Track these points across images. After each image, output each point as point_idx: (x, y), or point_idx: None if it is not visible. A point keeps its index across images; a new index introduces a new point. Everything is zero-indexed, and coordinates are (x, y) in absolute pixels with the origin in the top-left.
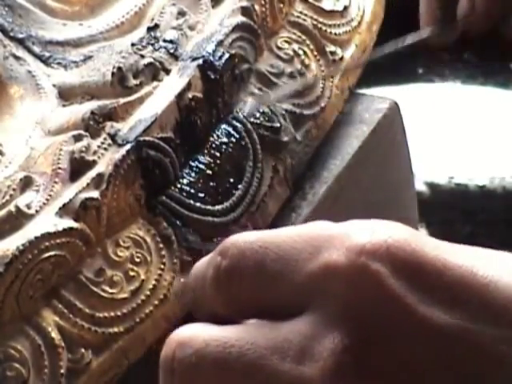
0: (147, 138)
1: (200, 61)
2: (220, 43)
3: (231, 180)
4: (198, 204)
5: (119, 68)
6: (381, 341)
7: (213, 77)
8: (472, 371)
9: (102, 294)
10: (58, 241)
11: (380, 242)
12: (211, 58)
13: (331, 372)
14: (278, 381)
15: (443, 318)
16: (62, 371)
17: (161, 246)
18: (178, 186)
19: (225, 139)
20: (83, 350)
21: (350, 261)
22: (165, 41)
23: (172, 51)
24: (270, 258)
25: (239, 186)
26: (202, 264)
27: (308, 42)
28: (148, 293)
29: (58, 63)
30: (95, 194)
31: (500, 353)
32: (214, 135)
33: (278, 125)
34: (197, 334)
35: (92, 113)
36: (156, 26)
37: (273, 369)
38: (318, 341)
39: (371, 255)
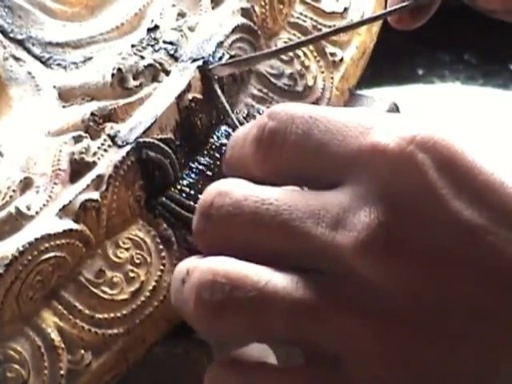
0: (147, 139)
1: (200, 62)
2: (220, 44)
3: None
4: (197, 205)
5: (119, 69)
6: (414, 224)
7: (213, 78)
8: (490, 268)
9: (102, 295)
10: (57, 242)
11: (429, 136)
12: (211, 59)
13: (362, 243)
14: (310, 242)
15: (472, 216)
16: (62, 372)
17: (161, 247)
18: (178, 187)
19: (225, 140)
20: (83, 351)
21: (399, 146)
22: (165, 42)
23: (172, 52)
24: (319, 128)
25: None
26: (245, 127)
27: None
28: (148, 294)
29: (58, 64)
30: (95, 195)
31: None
32: (214, 136)
33: None
34: (237, 187)
35: (92, 114)
36: (156, 27)
37: (306, 231)
38: (354, 212)
39: (420, 146)
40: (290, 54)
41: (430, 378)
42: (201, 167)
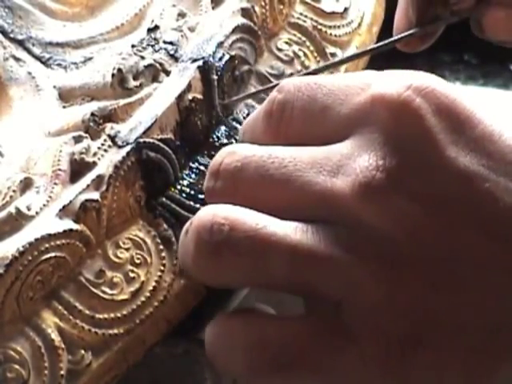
0: (147, 140)
1: (200, 62)
2: (220, 44)
3: None
4: (198, 205)
5: (119, 69)
6: (412, 168)
7: (213, 78)
8: (485, 215)
9: (102, 295)
10: (58, 242)
11: (427, 83)
12: (211, 59)
13: (360, 185)
14: (311, 190)
15: (470, 163)
16: (62, 372)
17: (161, 247)
18: (178, 187)
19: (225, 140)
20: (83, 352)
21: (396, 93)
22: (165, 42)
23: (172, 52)
24: (323, 92)
25: None
26: (261, 106)
27: (308, 43)
28: (148, 294)
29: (58, 64)
30: (95, 195)
31: (510, 203)
32: (214, 136)
33: None
34: (247, 146)
35: (92, 114)
36: (156, 28)
37: (308, 179)
38: (354, 159)
39: (417, 91)
40: (290, 54)
41: (431, 326)
42: (201, 167)
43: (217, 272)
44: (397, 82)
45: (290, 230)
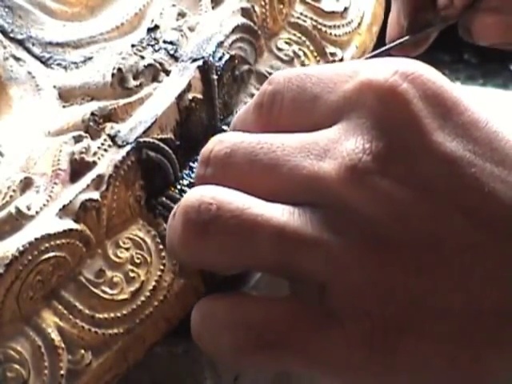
0: (147, 139)
1: (200, 62)
2: (220, 44)
3: None
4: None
5: (119, 69)
6: (398, 151)
7: (213, 78)
8: (471, 200)
9: (102, 295)
10: (58, 242)
11: (414, 69)
12: (211, 59)
13: (346, 168)
14: (298, 173)
15: (456, 148)
16: (62, 372)
17: (161, 247)
18: (178, 187)
19: None
20: (83, 351)
21: (384, 78)
22: (165, 42)
23: (172, 52)
24: (312, 81)
25: None
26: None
27: (308, 43)
28: (148, 294)
29: (58, 64)
30: (95, 195)
31: (497, 190)
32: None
33: None
34: (237, 134)
35: (92, 114)
36: (156, 27)
37: (295, 164)
38: (341, 143)
39: (404, 76)
40: (290, 53)
41: (415, 311)
42: None
43: (203, 252)
44: (384, 68)
45: (277, 212)
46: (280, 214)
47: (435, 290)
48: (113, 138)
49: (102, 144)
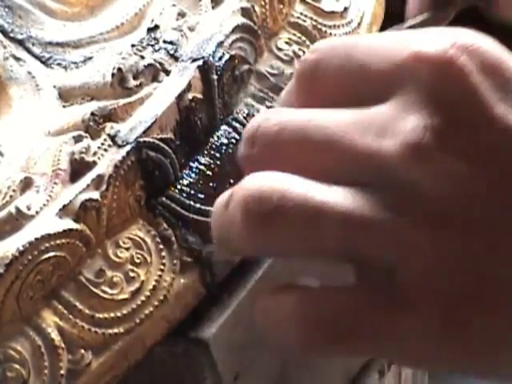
0: (147, 139)
1: (200, 62)
2: (220, 44)
3: (231, 181)
4: (197, 205)
5: (119, 69)
6: (461, 127)
7: (213, 78)
8: None
9: (102, 294)
10: (58, 242)
11: (472, 41)
12: (211, 58)
13: (409, 146)
14: (356, 151)
15: None
16: (62, 372)
17: (161, 246)
18: (178, 186)
19: (225, 140)
20: (83, 351)
21: (440, 51)
22: (165, 42)
23: (172, 52)
24: (360, 50)
25: None
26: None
27: (308, 42)
28: (148, 294)
29: (58, 64)
30: (95, 194)
31: None
32: (214, 136)
33: None
34: (284, 110)
35: (92, 114)
36: (156, 27)
37: (352, 141)
38: (401, 120)
39: (461, 49)
40: (290, 53)
41: (488, 286)
42: (201, 167)
43: (267, 242)
44: (440, 40)
45: (340, 197)
46: (342, 198)
47: (506, 264)
48: (113, 137)
49: (102, 144)
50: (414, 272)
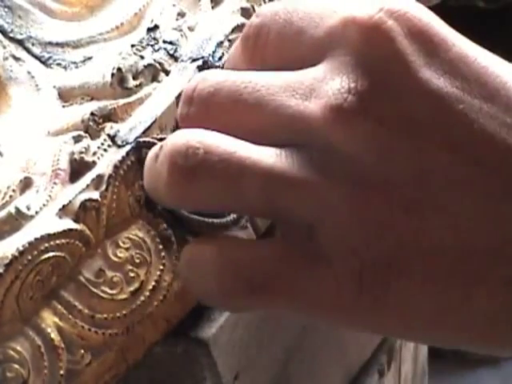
0: (147, 139)
1: (200, 62)
2: (220, 44)
3: None
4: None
5: (119, 69)
6: (384, 90)
7: None
8: (459, 137)
9: (102, 294)
10: (57, 242)
11: (400, 6)
12: (211, 58)
13: (332, 108)
14: (283, 112)
15: (442, 85)
16: (62, 372)
17: (160, 246)
18: None
19: None
20: (83, 351)
21: (368, 15)
22: (164, 42)
23: (172, 52)
24: (299, 16)
25: None
26: None
27: None
28: (148, 294)
29: (58, 64)
30: (95, 194)
31: (487, 126)
32: None
33: None
34: (220, 72)
35: (92, 114)
36: (156, 27)
37: (280, 103)
38: (326, 82)
39: (390, 13)
40: None
41: (404, 249)
42: None
43: (191, 196)
44: (369, 5)
45: (264, 154)
46: (267, 156)
47: (423, 227)
48: (112, 137)
49: (102, 144)
50: (330, 230)
